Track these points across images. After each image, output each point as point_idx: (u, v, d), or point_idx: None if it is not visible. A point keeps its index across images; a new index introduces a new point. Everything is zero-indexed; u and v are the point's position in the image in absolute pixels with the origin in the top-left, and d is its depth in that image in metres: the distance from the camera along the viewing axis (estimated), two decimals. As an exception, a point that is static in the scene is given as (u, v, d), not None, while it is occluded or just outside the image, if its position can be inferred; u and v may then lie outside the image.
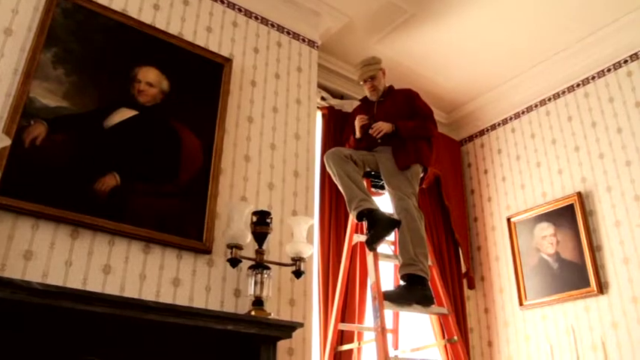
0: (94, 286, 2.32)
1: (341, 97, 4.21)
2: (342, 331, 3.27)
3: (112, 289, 2.36)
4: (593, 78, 4.04)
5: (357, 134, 3.29)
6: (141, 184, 2.61)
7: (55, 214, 2.31)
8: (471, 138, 4.95)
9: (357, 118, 3.30)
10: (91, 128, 2.57)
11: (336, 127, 3.92)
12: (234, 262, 2.52)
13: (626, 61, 3.85)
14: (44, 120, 2.44)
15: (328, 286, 3.43)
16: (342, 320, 3.28)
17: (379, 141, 3.17)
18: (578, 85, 4.14)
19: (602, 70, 3.98)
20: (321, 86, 4.01)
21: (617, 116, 3.81)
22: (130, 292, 2.40)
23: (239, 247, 2.53)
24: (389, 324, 3.33)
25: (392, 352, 3.35)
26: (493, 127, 4.75)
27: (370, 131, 3.16)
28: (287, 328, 2.46)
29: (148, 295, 2.44)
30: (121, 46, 2.82)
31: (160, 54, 2.93)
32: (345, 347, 3.24)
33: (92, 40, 2.73)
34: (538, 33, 3.97)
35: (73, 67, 2.62)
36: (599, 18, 3.80)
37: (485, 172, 4.71)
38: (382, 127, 3.13)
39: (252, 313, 2.47)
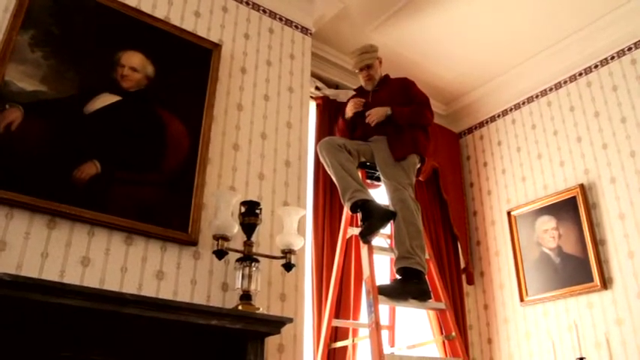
0: (72, 278, 2.20)
1: (336, 86, 4.09)
2: (336, 328, 3.17)
3: (91, 282, 2.24)
4: (596, 66, 3.91)
5: (348, 114, 3.18)
6: (123, 172, 2.49)
7: (31, 203, 2.18)
8: (470, 130, 4.82)
9: (352, 100, 3.19)
10: (70, 114, 2.44)
11: (331, 118, 3.80)
12: (220, 253, 2.39)
13: (630, 49, 3.72)
14: (20, 104, 2.31)
15: (322, 281, 3.31)
16: (337, 316, 3.18)
17: (373, 124, 3.05)
18: (580, 75, 4.02)
19: (606, 58, 3.86)
20: (315, 76, 3.90)
21: (621, 105, 3.68)
22: (111, 286, 2.28)
23: (225, 239, 2.40)
24: (385, 320, 3.22)
25: (388, 350, 3.23)
26: (493, 118, 4.62)
27: (366, 120, 3.05)
28: (275, 324, 2.33)
29: (130, 289, 2.32)
30: (103, 29, 2.69)
31: (144, 38, 2.80)
32: (340, 344, 3.13)
33: (73, 22, 2.61)
34: (539, 21, 3.84)
35: (53, 50, 2.49)
36: (601, 4, 3.68)
37: (485, 164, 4.58)
38: (373, 116, 3.03)
39: (240, 307, 2.35)
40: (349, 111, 3.18)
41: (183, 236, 2.53)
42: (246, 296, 2.40)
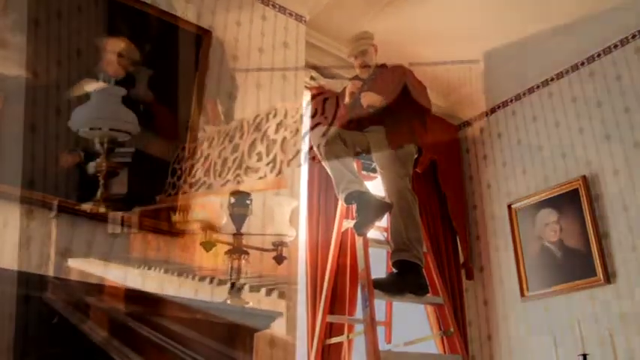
0: (53, 271, 2.11)
1: (332, 77, 3.99)
2: (331, 323, 3.08)
3: (73, 274, 2.16)
4: (599, 55, 3.81)
5: (347, 99, 3.10)
6: (108, 161, 2.40)
7: (10, 192, 2.09)
8: (469, 122, 4.73)
9: (350, 82, 3.11)
10: (53, 100, 2.36)
11: (326, 108, 3.71)
12: (207, 245, 2.30)
13: (634, 36, 3.61)
14: (1, 90, 2.22)
15: (317, 275, 3.22)
16: (332, 311, 3.09)
17: (371, 110, 2.96)
18: (582, 64, 3.91)
19: (609, 47, 3.75)
20: (310, 65, 3.80)
21: (625, 95, 3.58)
22: (94, 278, 2.20)
23: (213, 230, 2.31)
24: (381, 315, 3.14)
25: (385, 346, 3.15)
26: (493, 110, 4.52)
27: (361, 100, 2.96)
28: (265, 318, 2.25)
29: (115, 282, 2.23)
30: (88, 14, 2.61)
31: (131, 23, 2.71)
32: (334, 340, 3.05)
33: (57, 7, 2.52)
34: (539, 11, 3.73)
35: (35, 35, 2.40)
36: (605, -8, 3.58)
37: (485, 157, 4.49)
38: (368, 98, 2.94)
39: (228, 301, 2.26)
40: (348, 97, 3.10)
41: (170, 228, 2.45)
42: (235, 290, 2.31)
